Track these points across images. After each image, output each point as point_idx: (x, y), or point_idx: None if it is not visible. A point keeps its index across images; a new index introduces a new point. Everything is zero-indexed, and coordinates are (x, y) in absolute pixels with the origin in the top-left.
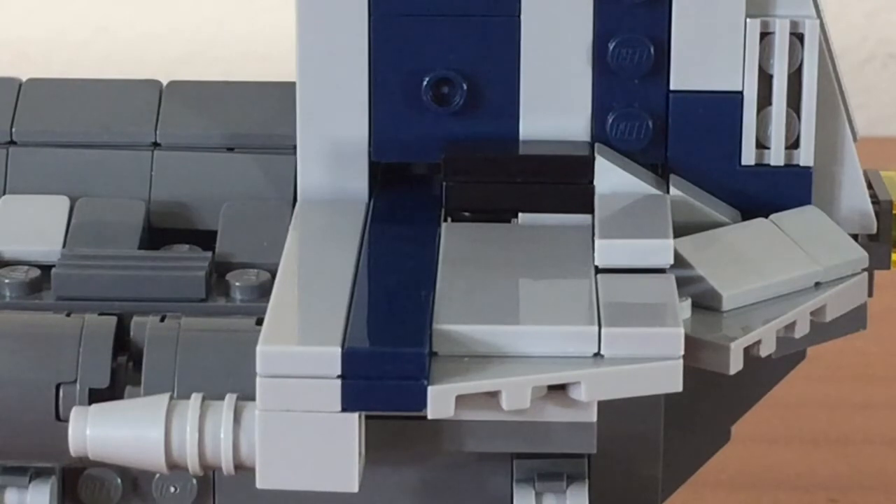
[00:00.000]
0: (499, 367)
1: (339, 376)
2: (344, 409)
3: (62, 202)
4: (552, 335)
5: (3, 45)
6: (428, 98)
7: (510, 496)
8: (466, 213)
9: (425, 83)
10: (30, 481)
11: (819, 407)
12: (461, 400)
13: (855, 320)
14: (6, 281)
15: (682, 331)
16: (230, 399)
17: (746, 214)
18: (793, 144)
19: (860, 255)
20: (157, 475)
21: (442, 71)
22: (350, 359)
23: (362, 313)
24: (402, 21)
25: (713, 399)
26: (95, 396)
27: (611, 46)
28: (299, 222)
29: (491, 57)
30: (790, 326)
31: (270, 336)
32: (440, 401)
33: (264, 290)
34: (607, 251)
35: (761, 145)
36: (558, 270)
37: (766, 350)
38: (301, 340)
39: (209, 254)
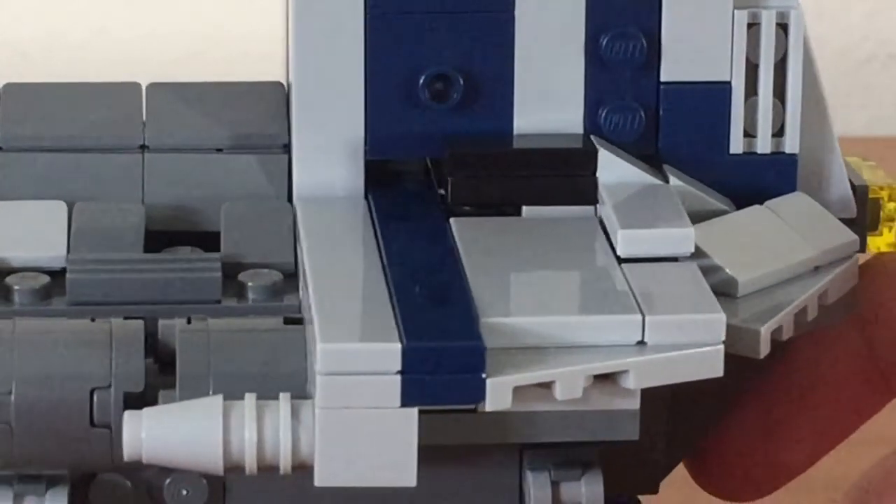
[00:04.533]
0: (549, 357)
1: (398, 372)
2: (403, 405)
3: (59, 207)
4: (598, 325)
5: (3, 45)
6: (425, 95)
7: (518, 486)
8: (467, 208)
9: (422, 80)
10: (46, 489)
11: None
12: (514, 392)
13: (848, 304)
14: (17, 288)
15: (724, 317)
16: (285, 398)
17: (735, 201)
18: (777, 132)
19: (852, 239)
20: (169, 479)
21: (439, 67)
22: (410, 355)
23: (409, 310)
24: (397, 19)
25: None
26: (129, 401)
27: (604, 40)
28: (307, 222)
29: (486, 53)
30: (802, 310)
31: (330, 334)
32: (498, 393)
33: (276, 290)
34: (630, 241)
35: (747, 134)
36: (581, 261)
37: (787, 334)
38: (362, 337)
39: (217, 255)
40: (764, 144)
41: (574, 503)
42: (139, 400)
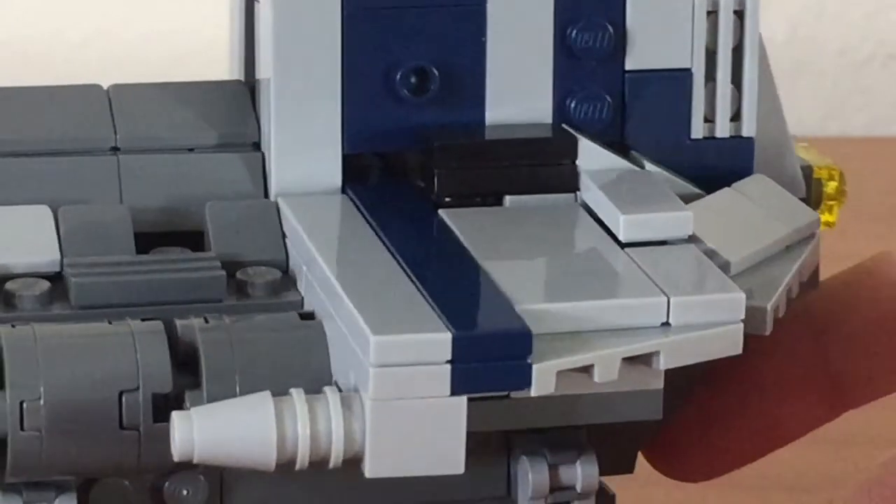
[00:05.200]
0: (585, 341)
1: (448, 361)
2: (453, 394)
3: (44, 211)
4: (627, 308)
5: (2, 45)
6: (403, 89)
7: (506, 472)
8: (448, 199)
9: (400, 74)
10: (56, 497)
11: None
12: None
13: (812, 283)
14: (19, 294)
15: (743, 295)
16: (332, 391)
17: (696, 184)
18: (734, 117)
19: (815, 217)
20: (169, 480)
21: (416, 61)
22: (460, 344)
23: (445, 301)
24: (373, 14)
25: None
26: (157, 402)
27: (572, 31)
28: (301, 219)
29: (460, 46)
30: (790, 288)
31: (379, 327)
32: (543, 378)
33: (276, 287)
34: (632, 226)
35: (706, 119)
36: (584, 247)
37: (781, 311)
38: (411, 329)
39: (212, 254)
40: (723, 129)
41: (570, 486)
42: (167, 401)
